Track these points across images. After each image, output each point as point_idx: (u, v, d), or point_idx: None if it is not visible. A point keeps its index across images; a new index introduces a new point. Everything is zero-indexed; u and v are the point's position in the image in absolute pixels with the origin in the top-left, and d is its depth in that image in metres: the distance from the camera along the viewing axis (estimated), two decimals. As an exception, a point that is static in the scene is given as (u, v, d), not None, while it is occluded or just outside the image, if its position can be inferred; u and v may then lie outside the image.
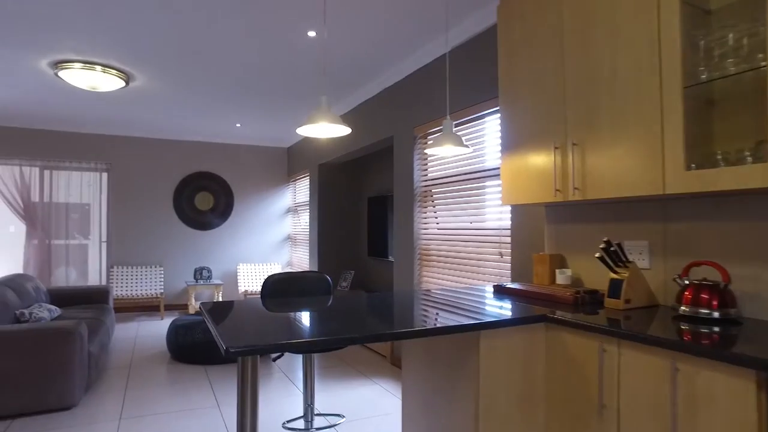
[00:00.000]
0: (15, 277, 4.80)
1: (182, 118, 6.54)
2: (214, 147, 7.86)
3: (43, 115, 6.39)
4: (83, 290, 5.53)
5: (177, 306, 7.51)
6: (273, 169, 8.23)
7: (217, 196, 7.81)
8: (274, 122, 6.86)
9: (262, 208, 8.12)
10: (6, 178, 6.77)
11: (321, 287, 2.61)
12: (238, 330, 1.62)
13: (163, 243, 7.51)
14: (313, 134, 2.33)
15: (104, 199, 7.27)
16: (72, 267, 7.18)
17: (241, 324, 1.74)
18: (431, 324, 1.75)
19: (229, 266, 7.86)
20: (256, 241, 8.05)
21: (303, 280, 2.57)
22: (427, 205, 4.30)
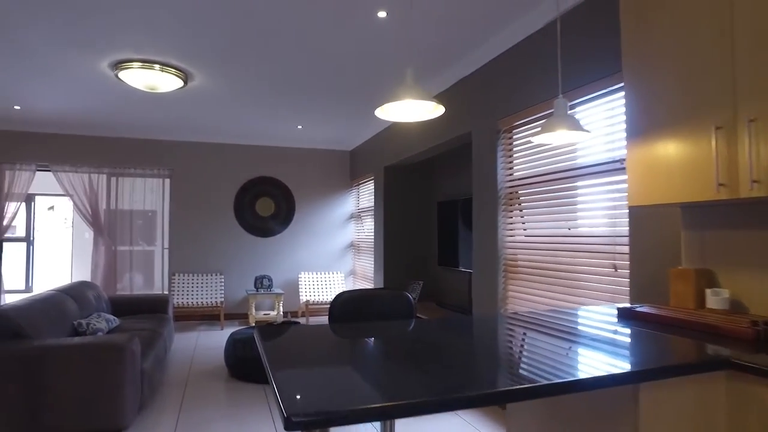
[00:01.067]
0: (77, 286, 4.64)
1: (242, 120, 6.30)
2: (275, 151, 7.62)
3: (109, 122, 6.34)
4: (143, 299, 5.34)
5: (237, 315, 7.28)
6: (335, 173, 7.88)
7: (278, 202, 7.55)
8: (336, 123, 6.50)
9: (324, 214, 7.78)
10: (77, 185, 6.78)
11: (400, 308, 2.13)
12: (302, 378, 1.17)
13: (223, 250, 7.32)
14: (395, 117, 1.86)
15: (167, 205, 7.16)
16: (138, 273, 7.10)
17: (306, 366, 1.28)
18: (564, 371, 1.22)
19: (290, 275, 7.56)
20: (317, 249, 7.71)
21: (379, 299, 2.10)
22: (513, 209, 3.74)
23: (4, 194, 6.57)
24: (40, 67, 4.36)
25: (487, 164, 3.93)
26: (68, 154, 6.82)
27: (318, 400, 0.99)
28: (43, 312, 3.59)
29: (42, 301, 3.74)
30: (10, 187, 6.61)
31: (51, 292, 4.13)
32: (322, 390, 1.06)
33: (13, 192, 6.64)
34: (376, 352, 1.45)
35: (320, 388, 1.08)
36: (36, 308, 3.55)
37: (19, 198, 6.69)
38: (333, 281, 7.52)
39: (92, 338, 3.22)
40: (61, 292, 4.23)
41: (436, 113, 1.80)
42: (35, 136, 6.75)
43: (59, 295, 4.09)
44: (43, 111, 5.89)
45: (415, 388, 1.07)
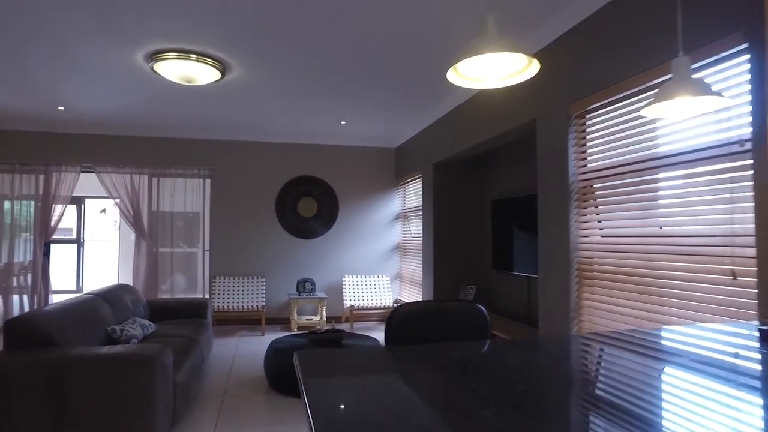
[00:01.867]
0: (114, 289, 4.44)
1: (282, 116, 6.02)
2: (317, 149, 7.32)
3: (149, 121, 6.20)
4: (182, 303, 5.11)
5: (279, 320, 7.01)
6: (380, 171, 7.52)
7: (320, 202, 7.25)
8: (381, 118, 6.13)
9: (369, 214, 7.43)
10: (119, 186, 6.69)
11: (473, 326, 1.71)
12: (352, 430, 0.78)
13: (265, 252, 7.07)
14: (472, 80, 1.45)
15: (208, 205, 6.98)
16: (180, 276, 6.95)
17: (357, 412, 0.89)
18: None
19: (333, 278, 7.24)
20: (362, 251, 7.37)
21: (446, 314, 1.70)
22: (587, 206, 3.26)
23: (51, 196, 6.54)
24: (77, 62, 4.18)
25: (555, 156, 3.46)
26: (110, 155, 6.74)
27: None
28: (76, 318, 3.36)
29: (75, 306, 3.53)
30: (57, 188, 6.57)
31: (86, 296, 3.93)
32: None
33: (60, 194, 6.60)
34: (449, 392, 1.05)
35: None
36: (68, 314, 3.32)
37: (64, 200, 6.65)
38: (378, 285, 7.15)
39: (120, 349, 2.95)
40: (97, 296, 4.02)
41: (529, 73, 1.37)
42: (79, 138, 6.69)
43: (94, 300, 3.88)
44: (85, 111, 5.78)
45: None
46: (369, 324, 7.09)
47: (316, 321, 6.65)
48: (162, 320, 4.89)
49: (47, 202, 6.53)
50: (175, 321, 4.78)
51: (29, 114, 5.99)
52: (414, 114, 5.89)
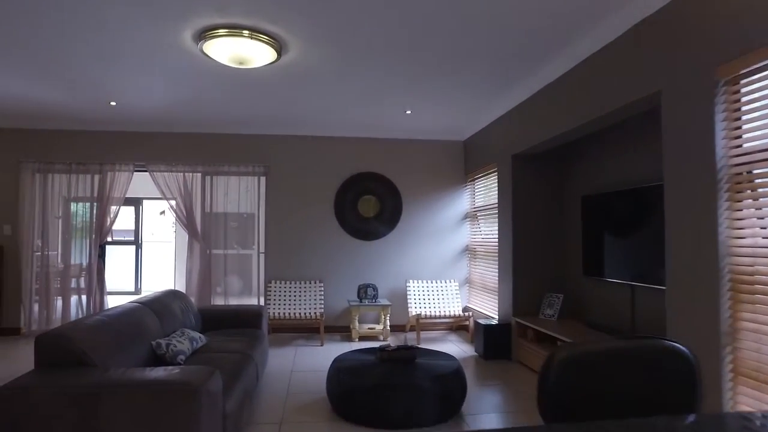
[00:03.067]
0: (162, 297, 4.02)
1: (341, 106, 5.48)
2: (379, 143, 6.76)
3: (201, 117, 5.83)
4: (235, 312, 4.66)
5: (338, 329, 6.49)
6: (447, 167, 6.87)
7: (383, 201, 6.68)
8: (450, 106, 5.50)
9: (435, 213, 6.79)
10: (172, 186, 6.37)
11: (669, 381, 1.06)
12: None
13: (322, 255, 6.57)
14: None
15: (263, 205, 6.56)
16: (234, 279, 6.56)
17: None
18: None
19: (396, 283, 6.65)
20: (428, 254, 6.74)
21: (629, 362, 1.05)
22: (742, 198, 2.50)
23: (106, 196, 6.30)
24: (123, 50, 3.79)
25: (693, 135, 2.71)
26: (163, 153, 6.44)
27: None
28: (116, 332, 2.92)
29: (117, 318, 3.10)
30: (111, 188, 6.33)
31: (131, 305, 3.51)
32: None
33: (114, 196, 6.36)
34: None
35: None
36: (107, 328, 2.89)
37: (118, 202, 6.40)
38: (446, 291, 6.50)
39: (161, 373, 2.46)
40: (143, 306, 3.60)
41: None
42: (132, 136, 6.43)
43: (139, 310, 3.45)
44: (136, 106, 5.47)
45: None
46: (435, 334, 6.45)
47: (379, 330, 6.08)
48: (214, 330, 4.44)
49: (102, 202, 6.30)
50: (227, 332, 4.32)
51: (85, 112, 5.75)
52: (488, 100, 5.21)
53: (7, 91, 5.01)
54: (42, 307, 6.31)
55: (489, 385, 4.30)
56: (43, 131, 6.38)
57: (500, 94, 5.02)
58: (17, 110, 5.79)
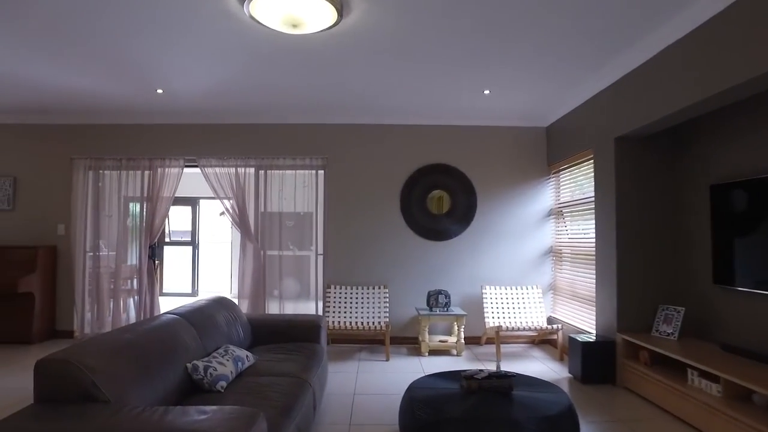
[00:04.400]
0: (205, 306, 3.45)
1: (409, 88, 4.77)
2: (450, 132, 5.99)
3: (251, 104, 5.30)
4: (290, 323, 4.04)
5: (404, 340, 5.78)
6: (527, 157, 6.01)
7: (454, 196, 5.91)
8: (533, 86, 4.69)
9: (514, 210, 5.95)
10: (224, 181, 5.89)
11: None
12: None
13: (387, 257, 5.88)
14: None
15: (321, 201, 5.95)
16: (290, 283, 6.00)
17: None
18: None
19: (470, 289, 5.86)
20: (506, 256, 5.90)
21: None
22: None
23: (156, 194, 5.90)
24: (163, 19, 3.26)
25: None
26: (213, 146, 5.97)
27: None
28: (140, 354, 2.34)
29: (145, 335, 2.52)
30: (161, 186, 5.92)
31: (166, 317, 2.95)
32: None
33: (163, 195, 5.95)
34: None
35: None
36: (129, 349, 2.31)
37: (168, 201, 5.99)
38: (528, 299, 5.64)
39: (186, 421, 1.82)
40: (181, 317, 3.03)
41: None
42: (181, 129, 6.00)
43: (175, 324, 2.87)
44: (183, 91, 5.00)
45: None
46: (515, 348, 5.61)
47: (452, 343, 5.31)
48: (265, 344, 3.84)
49: (152, 200, 5.90)
50: (281, 347, 3.70)
51: (132, 103, 5.35)
52: (581, 75, 4.34)
53: (54, 83, 4.65)
54: (94, 310, 5.99)
55: (598, 420, 3.44)
56: (93, 126, 6.07)
57: (597, 67, 4.15)
58: (67, 105, 5.49)
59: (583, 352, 4.26)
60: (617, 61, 4.07)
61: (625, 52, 3.92)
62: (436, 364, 4.92)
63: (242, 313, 3.94)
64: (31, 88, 4.91)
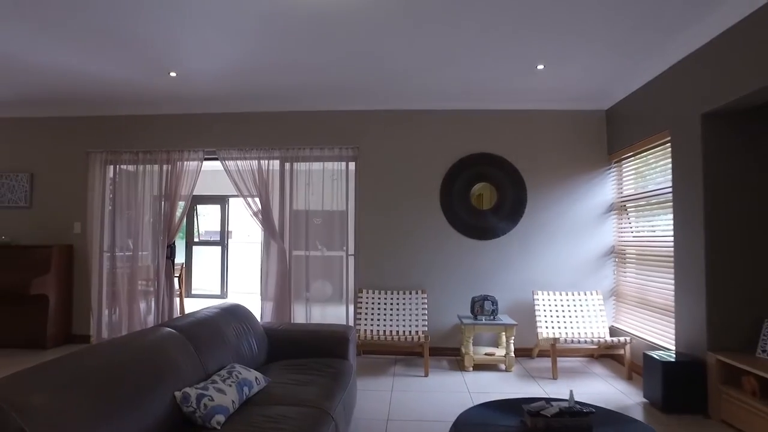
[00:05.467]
0: (211, 318, 2.92)
1: (451, 63, 4.15)
2: (496, 117, 5.32)
3: (274, 88, 4.77)
4: (314, 334, 3.47)
5: (444, 351, 5.14)
6: (584, 145, 5.28)
7: (501, 189, 5.23)
8: (594, 60, 3.99)
9: (569, 205, 5.23)
10: (246, 175, 5.39)
11: None
12: None
13: (426, 258, 5.25)
14: None
15: (351, 196, 5.38)
16: (318, 285, 5.45)
17: None
18: None
19: (520, 294, 5.17)
20: (560, 257, 5.19)
21: None
22: None
23: (174, 189, 5.46)
24: None
25: None
26: (234, 137, 5.49)
27: None
28: (107, 385, 1.80)
29: (121, 358, 1.99)
30: (179, 181, 5.47)
31: (159, 332, 2.42)
32: None
33: (181, 193, 5.50)
34: None
35: None
36: (94, 376, 1.78)
37: (186, 198, 5.54)
38: (587, 307, 4.91)
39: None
40: (177, 331, 2.50)
41: None
42: (199, 119, 5.55)
43: (167, 339, 2.34)
44: (198, 74, 4.52)
45: None
46: (572, 363, 4.89)
47: (500, 357, 4.64)
48: (284, 359, 3.28)
49: (170, 196, 5.46)
50: (302, 364, 3.12)
51: (143, 89, 4.91)
52: (660, 39, 3.61)
53: (62, 67, 4.24)
54: (111, 313, 5.60)
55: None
56: (109, 118, 5.70)
57: (680, 29, 3.43)
58: (79, 94, 5.10)
59: (664, 373, 3.52)
60: (708, 20, 3.33)
61: (718, 10, 3.18)
62: (482, 381, 4.27)
63: (258, 323, 3.40)
64: (39, 74, 4.52)
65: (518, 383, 4.22)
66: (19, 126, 5.82)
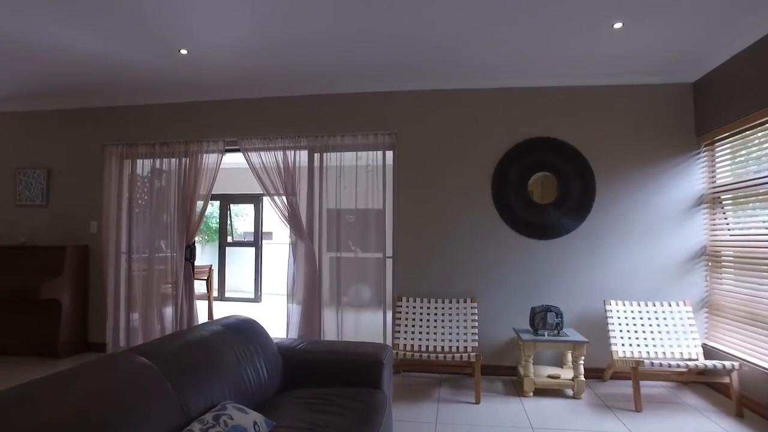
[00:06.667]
0: (209, 339, 2.31)
1: (505, 28, 3.40)
2: (559, 94, 4.53)
3: (297, 65, 4.16)
4: (340, 356, 2.80)
5: (497, 370, 4.40)
6: (665, 126, 4.41)
7: (565, 180, 4.43)
8: (685, 15, 3.16)
9: (649, 198, 4.38)
10: (270, 167, 4.81)
11: None
12: None
13: (476, 261, 4.52)
14: None
15: (389, 189, 4.71)
16: (353, 290, 4.81)
17: None
18: None
19: (588, 304, 4.36)
20: (637, 261, 4.34)
21: None
22: None
23: (192, 184, 4.94)
24: None
25: None
26: (256, 125, 4.92)
27: None
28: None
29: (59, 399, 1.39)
30: (198, 174, 4.95)
31: (129, 365, 1.82)
32: None
33: (200, 192, 4.98)
34: None
35: None
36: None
37: (204, 198, 5.01)
38: (673, 320, 4.06)
39: None
40: (152, 363, 1.89)
41: None
42: (218, 106, 5.01)
43: (136, 373, 1.74)
44: (211, 51, 3.95)
45: None
46: (656, 389, 4.05)
47: (566, 381, 3.86)
48: (302, 387, 2.64)
49: (188, 191, 4.95)
50: (322, 395, 2.47)
51: (153, 71, 4.39)
52: None
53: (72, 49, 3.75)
54: (127, 320, 5.14)
55: None
56: (124, 108, 5.26)
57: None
58: (93, 83, 4.65)
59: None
60: None
61: None
62: (546, 411, 3.50)
63: (271, 342, 2.77)
64: (46, 58, 4.06)
65: (592, 415, 3.43)
66: (34, 120, 5.46)
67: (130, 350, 1.95)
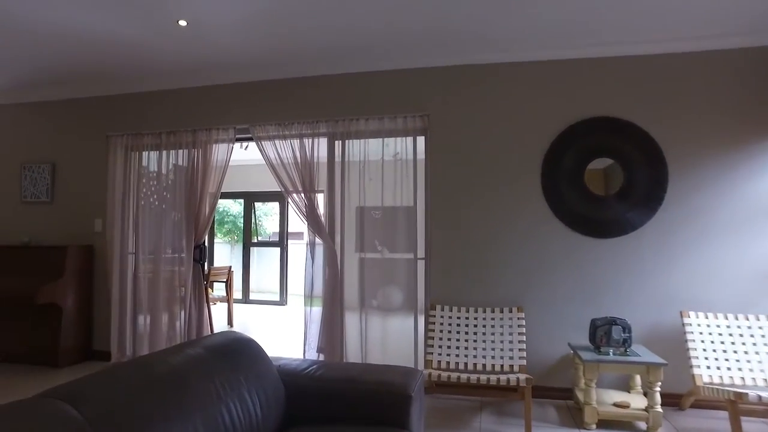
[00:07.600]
0: (181, 368, 1.75)
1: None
2: (623, 65, 3.81)
3: (315, 39, 3.59)
4: (356, 385, 2.20)
5: (550, 392, 3.72)
6: (755, 100, 3.64)
7: (630, 167, 3.71)
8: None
9: (734, 188, 3.62)
10: (286, 158, 4.27)
11: None
12: None
13: (523, 265, 3.85)
14: None
15: (420, 181, 4.09)
16: (379, 294, 4.21)
17: None
18: None
19: (660, 316, 3.64)
20: (722, 264, 3.59)
21: None
22: None
23: (200, 177, 4.45)
24: None
25: None
26: (270, 110, 4.38)
27: None
28: None
29: None
30: (207, 166, 4.45)
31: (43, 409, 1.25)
32: None
33: (209, 190, 4.49)
34: None
35: None
36: None
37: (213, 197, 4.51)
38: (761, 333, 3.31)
39: None
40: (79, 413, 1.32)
41: None
42: (228, 90, 4.49)
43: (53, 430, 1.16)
44: (215, 22, 3.42)
45: None
46: (748, 425, 3.29)
47: (638, 411, 3.15)
48: (309, 425, 2.06)
49: (196, 185, 4.46)
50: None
51: (153, 49, 3.90)
52: None
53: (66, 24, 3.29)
54: (133, 326, 4.70)
55: None
56: (128, 95, 4.84)
57: None
58: (94, 69, 4.23)
59: None
60: None
61: None
62: (616, 451, 2.82)
63: (271, 366, 2.19)
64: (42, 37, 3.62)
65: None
66: (36, 111, 5.10)
67: (53, 393, 1.40)
